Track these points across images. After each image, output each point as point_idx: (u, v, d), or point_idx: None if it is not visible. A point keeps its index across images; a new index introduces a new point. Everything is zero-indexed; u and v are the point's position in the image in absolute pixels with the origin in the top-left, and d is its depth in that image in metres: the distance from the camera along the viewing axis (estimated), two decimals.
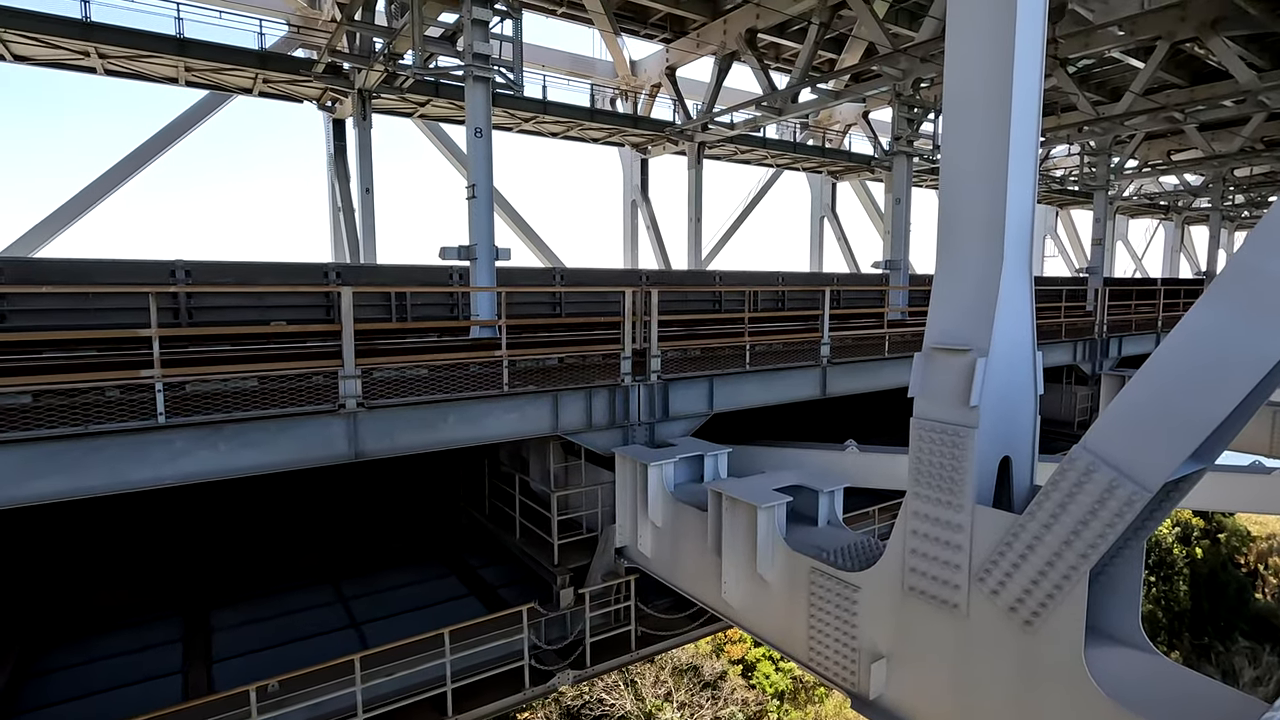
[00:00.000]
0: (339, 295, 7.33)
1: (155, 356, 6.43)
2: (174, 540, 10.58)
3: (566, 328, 13.04)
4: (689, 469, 8.46)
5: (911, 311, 15.46)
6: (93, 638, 8.82)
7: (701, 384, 9.71)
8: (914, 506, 5.46)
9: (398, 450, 7.85)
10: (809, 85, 20.40)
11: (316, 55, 19.03)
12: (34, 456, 5.90)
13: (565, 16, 22.71)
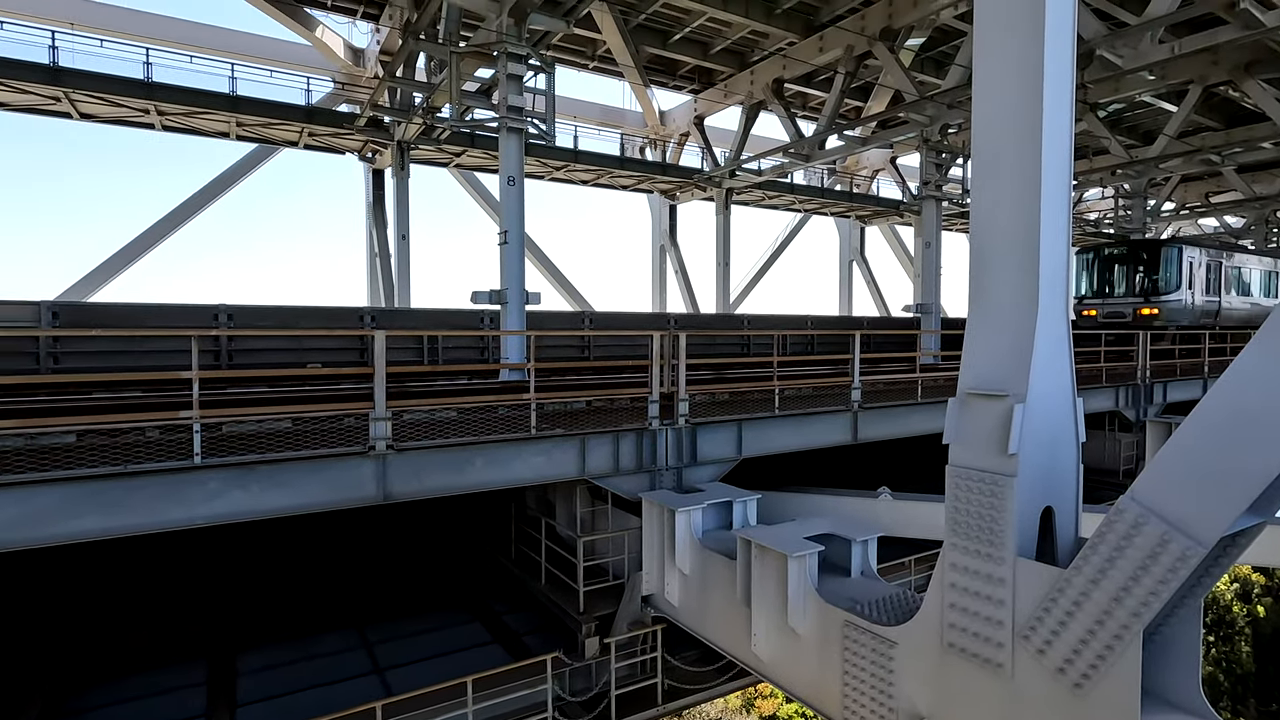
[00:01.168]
0: (372, 338, 7.47)
1: (194, 398, 6.59)
2: (203, 581, 10.66)
3: (594, 371, 13.09)
4: (717, 515, 8.30)
5: (944, 356, 15.21)
6: (121, 679, 8.84)
7: (730, 428, 9.60)
8: (952, 558, 5.25)
9: (426, 493, 7.85)
10: (836, 132, 20.64)
11: (359, 109, 19.91)
12: (75, 495, 6.03)
13: (597, 70, 23.48)
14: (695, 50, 22.64)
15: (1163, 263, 21.88)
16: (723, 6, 18.74)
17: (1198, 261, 22.49)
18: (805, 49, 20.21)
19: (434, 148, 20.61)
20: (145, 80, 17.64)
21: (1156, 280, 21.80)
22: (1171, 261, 21.85)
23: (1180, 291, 21.77)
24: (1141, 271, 22.12)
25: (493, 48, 13.11)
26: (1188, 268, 22.01)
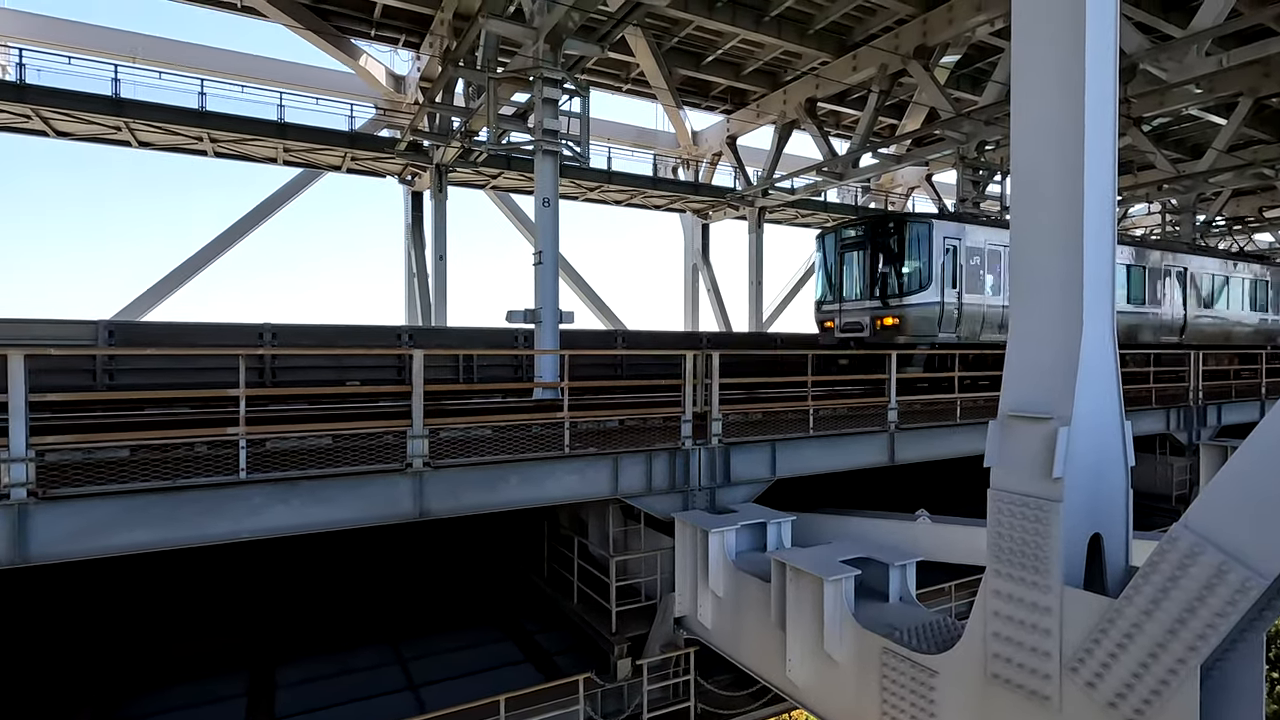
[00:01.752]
0: (410, 357, 7.63)
1: (241, 415, 6.80)
2: (245, 593, 10.90)
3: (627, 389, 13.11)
4: (751, 537, 8.21)
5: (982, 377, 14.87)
6: (166, 688, 9.05)
7: (763, 448, 9.52)
8: (995, 585, 5.11)
9: (461, 510, 7.94)
10: (870, 150, 20.54)
11: (400, 134, 20.50)
12: (127, 508, 6.25)
13: (630, 92, 23.81)
14: (728, 71, 22.82)
15: (907, 246, 15.02)
16: (755, 28, 18.89)
17: (964, 245, 15.28)
18: (838, 68, 20.22)
19: (471, 170, 21.09)
20: (200, 109, 18.48)
21: (899, 274, 15.09)
22: (917, 244, 14.98)
23: (930, 290, 14.85)
24: (882, 261, 15.42)
25: (529, 73, 13.42)
26: (944, 254, 15.01)
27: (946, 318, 15.08)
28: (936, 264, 14.88)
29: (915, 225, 15.07)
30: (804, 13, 19.07)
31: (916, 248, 14.95)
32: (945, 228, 15.21)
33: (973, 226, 15.80)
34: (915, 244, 14.96)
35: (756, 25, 18.88)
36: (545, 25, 12.75)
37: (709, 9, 18.14)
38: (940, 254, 14.93)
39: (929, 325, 14.90)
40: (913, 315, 14.80)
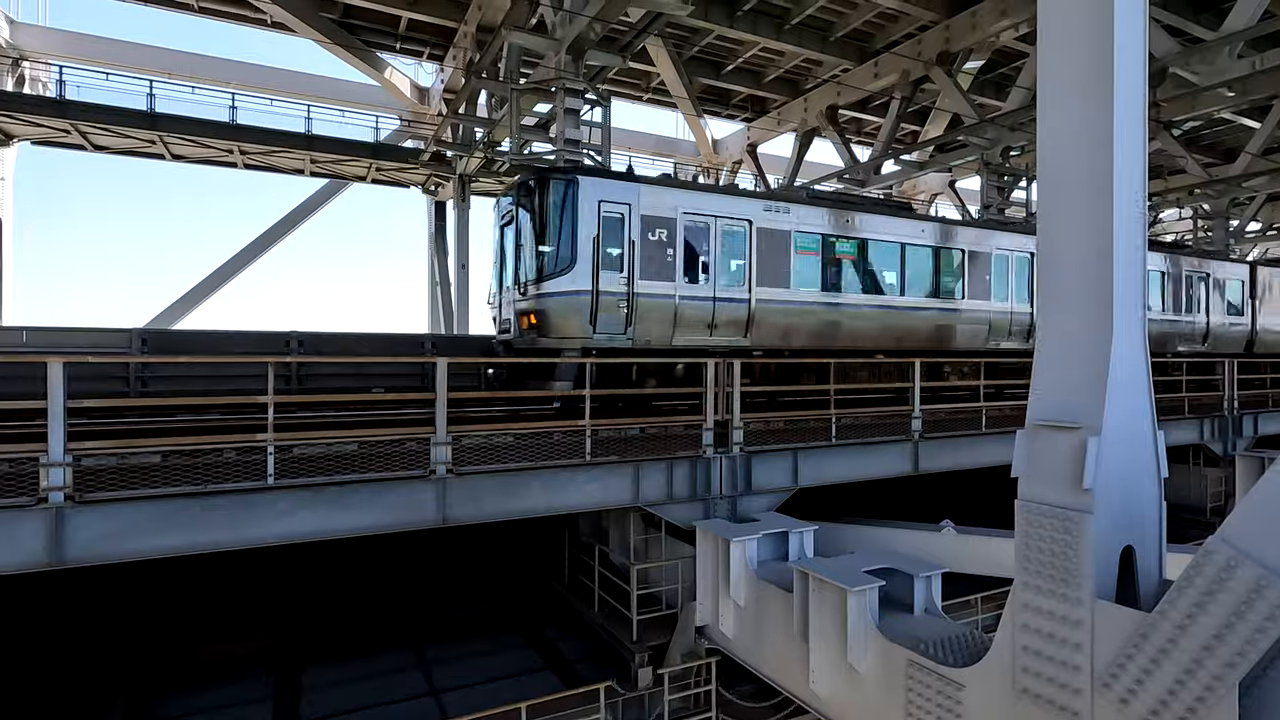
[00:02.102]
0: (434, 365, 7.71)
1: (269, 421, 6.92)
2: (272, 596, 11.05)
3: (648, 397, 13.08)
4: (773, 546, 8.15)
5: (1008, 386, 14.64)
6: (194, 690, 9.20)
7: (785, 457, 9.46)
8: (1023, 598, 5.01)
9: (483, 517, 7.98)
10: (892, 157, 20.40)
11: (424, 145, 20.80)
12: (159, 512, 6.38)
13: (651, 101, 23.94)
14: (748, 80, 22.85)
15: (548, 212, 10.87)
16: (776, 37, 18.91)
17: (638, 213, 11.16)
18: (860, 75, 20.15)
19: (494, 180, 21.30)
20: (231, 123, 18.93)
21: (538, 252, 10.97)
22: (559, 209, 10.84)
23: (575, 273, 10.59)
24: (523, 234, 11.36)
25: (551, 84, 13.55)
26: (599, 224, 10.80)
27: (606, 313, 10.73)
28: (585, 237, 10.61)
29: (556, 183, 10.87)
30: (825, 21, 19.05)
31: (559, 215, 10.77)
32: (602, 187, 10.89)
33: (656, 188, 11.44)
34: (557, 209, 10.79)
35: (777, 34, 18.89)
36: (567, 37, 12.87)
37: (729, 18, 18.19)
38: (592, 223, 10.69)
39: (576, 324, 10.62)
40: (552, 309, 10.64)
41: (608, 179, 11.29)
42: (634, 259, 11.06)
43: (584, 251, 10.66)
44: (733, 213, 12.14)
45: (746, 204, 12.40)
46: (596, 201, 10.85)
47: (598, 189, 10.95)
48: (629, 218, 11.13)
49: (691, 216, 11.70)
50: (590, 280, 10.66)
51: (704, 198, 11.99)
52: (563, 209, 10.80)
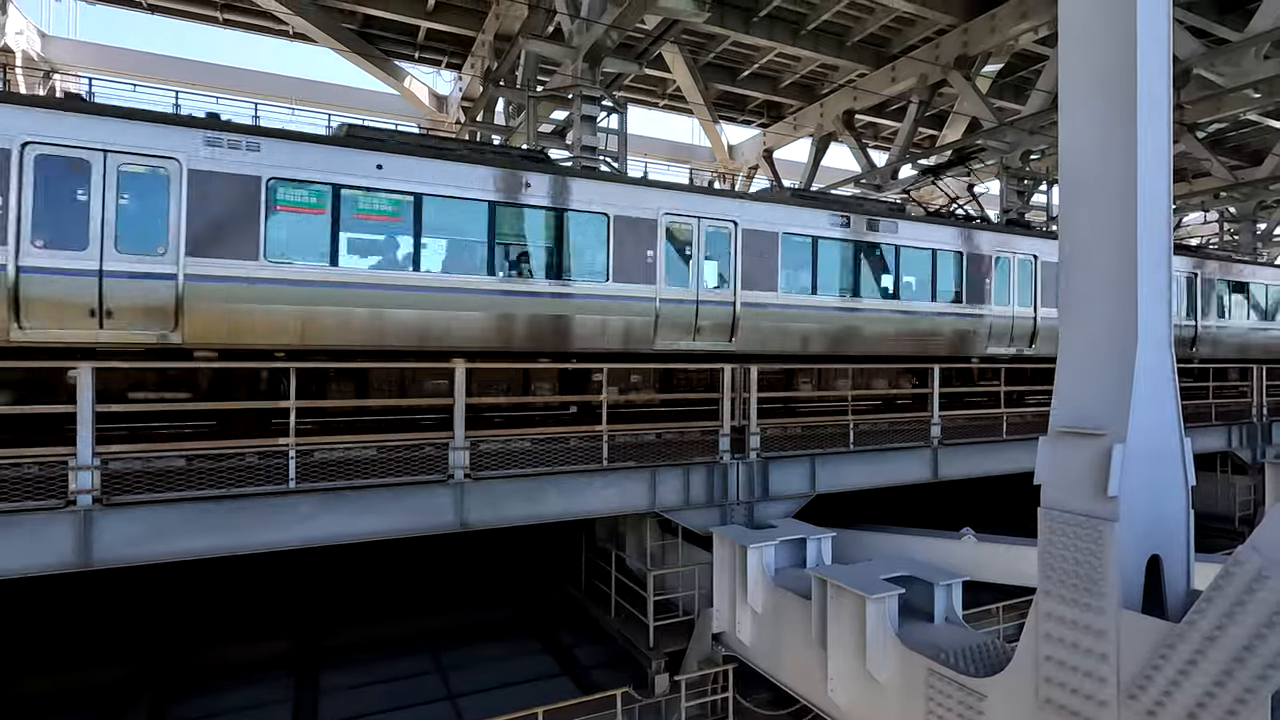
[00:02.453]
0: (453, 370, 7.77)
1: (291, 426, 7.01)
2: (290, 598, 11.16)
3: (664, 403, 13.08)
4: (790, 553, 8.10)
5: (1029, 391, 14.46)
6: (214, 691, 9.31)
7: (802, 463, 9.41)
8: (1047, 607, 4.94)
9: (501, 521, 8.02)
10: (909, 161, 20.28)
11: None
12: (184, 515, 6.49)
13: (667, 108, 24.01)
14: (764, 85, 22.85)
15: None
16: (792, 42, 18.90)
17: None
18: (877, 80, 20.08)
19: None
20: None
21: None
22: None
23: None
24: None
25: (568, 91, 13.65)
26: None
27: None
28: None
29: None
30: (842, 25, 19.02)
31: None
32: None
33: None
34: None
35: (793, 39, 18.89)
36: (584, 44, 12.97)
37: (745, 24, 18.23)
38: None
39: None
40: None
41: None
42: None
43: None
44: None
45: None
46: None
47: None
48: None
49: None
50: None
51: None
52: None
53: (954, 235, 13.98)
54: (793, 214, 12.22)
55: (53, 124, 7.91)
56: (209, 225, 8.56)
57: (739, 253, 11.59)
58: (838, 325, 12.60)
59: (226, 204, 8.66)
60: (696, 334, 11.32)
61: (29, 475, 6.32)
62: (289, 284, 8.87)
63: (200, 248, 8.52)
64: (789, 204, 12.39)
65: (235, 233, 8.67)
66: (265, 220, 8.82)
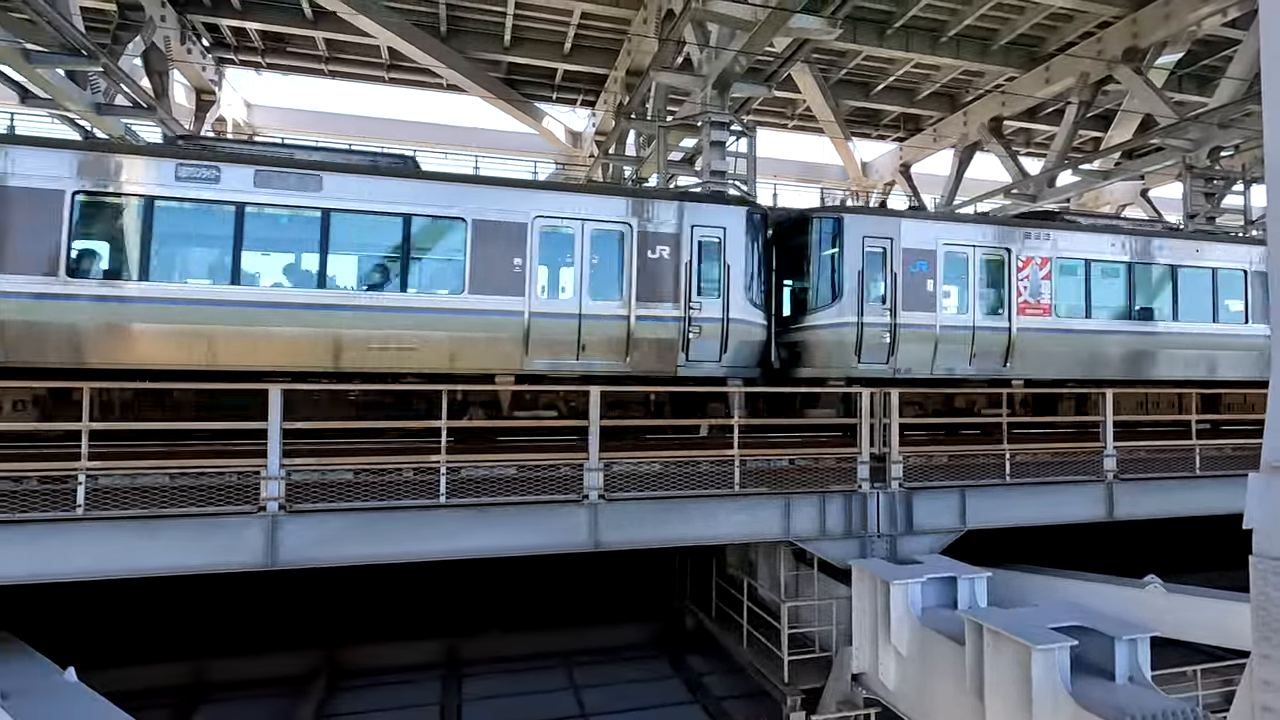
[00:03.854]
0: (589, 392, 8.01)
1: (442, 444, 7.54)
2: (439, 606, 11.87)
3: (796, 428, 12.68)
4: (939, 591, 7.52)
5: (1226, 423, 12.53)
6: (372, 688, 10.04)
7: (951, 495, 8.74)
8: (1265, 673, 4.21)
9: (632, 543, 8.12)
10: (1069, 167, 18.56)
11: None
12: (353, 524, 7.14)
13: (796, 128, 23.71)
14: (900, 98, 21.96)
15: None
16: (931, 51, 18.04)
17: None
18: (1028, 82, 18.65)
19: None
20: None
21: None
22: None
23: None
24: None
25: (697, 118, 13.85)
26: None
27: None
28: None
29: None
30: (986, 29, 17.89)
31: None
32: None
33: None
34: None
35: (932, 48, 18.02)
36: (713, 72, 13.13)
37: (879, 37, 17.65)
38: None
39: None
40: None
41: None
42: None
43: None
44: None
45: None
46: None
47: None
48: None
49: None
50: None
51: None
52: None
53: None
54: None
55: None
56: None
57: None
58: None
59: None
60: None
61: (230, 484, 7.25)
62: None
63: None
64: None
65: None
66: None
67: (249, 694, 9.62)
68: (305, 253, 9.46)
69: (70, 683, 6.87)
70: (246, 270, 9.17)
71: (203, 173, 8.87)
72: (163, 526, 6.66)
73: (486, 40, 18.95)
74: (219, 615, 10.28)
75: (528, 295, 9.89)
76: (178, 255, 9.14)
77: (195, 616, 10.37)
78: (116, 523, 6.56)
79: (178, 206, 8.90)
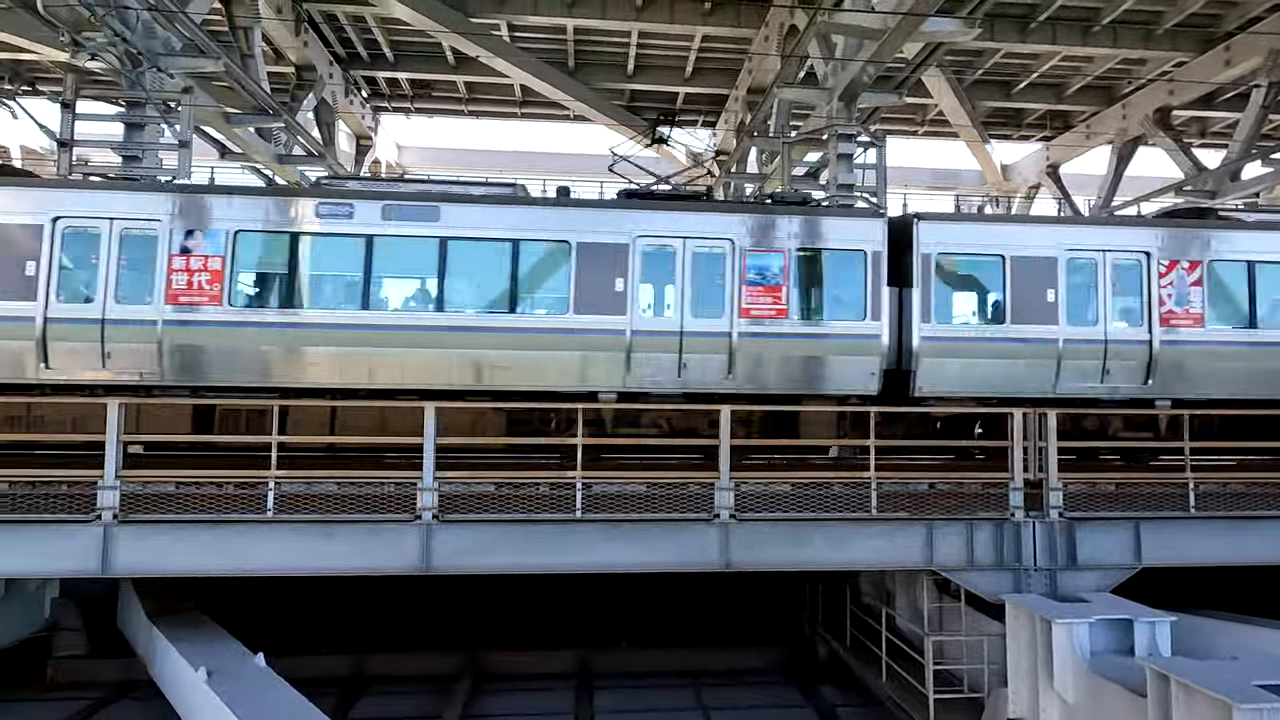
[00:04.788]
0: (719, 412, 8.03)
1: (579, 460, 7.83)
2: (573, 617, 12.23)
3: (933, 450, 11.96)
4: (1111, 635, 6.78)
5: None
6: (512, 693, 10.48)
7: (1123, 528, 7.90)
8: None
9: (762, 565, 8.02)
10: (1256, 158, 16.38)
11: None
12: (497, 534, 7.58)
13: (927, 134, 22.68)
14: (1046, 95, 20.43)
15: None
16: (1082, 42, 16.65)
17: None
18: (1202, 67, 16.72)
19: None
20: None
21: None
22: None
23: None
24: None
25: (822, 132, 13.61)
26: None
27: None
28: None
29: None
30: (1150, 13, 16.24)
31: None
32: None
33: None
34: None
35: (1083, 39, 16.61)
36: (839, 84, 12.86)
37: (1021, 33, 16.52)
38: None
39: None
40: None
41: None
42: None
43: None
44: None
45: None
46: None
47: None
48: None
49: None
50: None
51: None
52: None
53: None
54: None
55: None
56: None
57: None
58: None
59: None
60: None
61: (389, 494, 7.92)
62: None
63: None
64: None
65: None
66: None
67: (403, 689, 10.34)
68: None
69: (260, 667, 7.76)
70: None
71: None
72: (336, 530, 7.39)
73: (611, 71, 19.74)
74: (376, 614, 11.19)
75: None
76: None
77: (355, 614, 11.38)
78: (299, 526, 7.36)
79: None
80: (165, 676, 8.83)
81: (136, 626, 10.26)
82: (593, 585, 11.54)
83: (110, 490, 7.22)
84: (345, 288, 9.78)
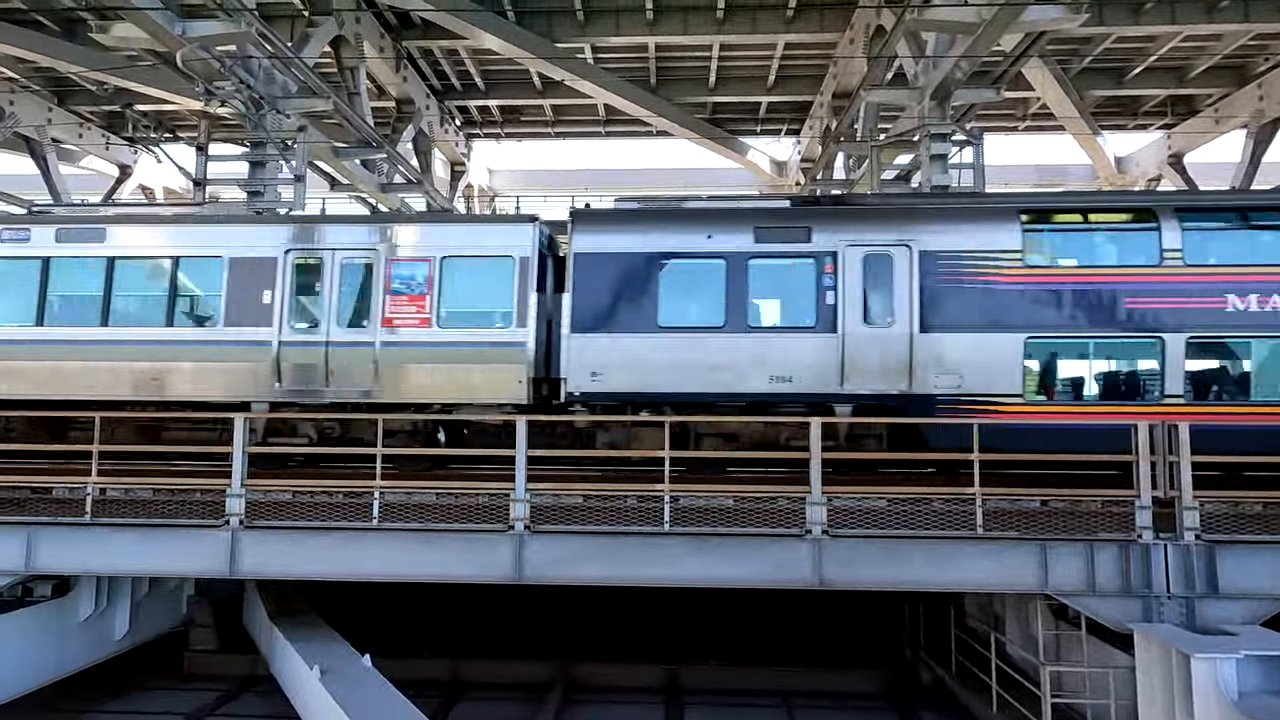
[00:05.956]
0: (809, 424, 7.82)
1: (665, 473, 7.82)
2: (658, 632, 12.18)
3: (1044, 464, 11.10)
4: (1264, 673, 6.06)
5: None
6: (602, 704, 10.50)
7: (1275, 553, 7.05)
8: None
9: (858, 583, 7.71)
10: None
11: None
12: (586, 545, 7.69)
13: (1029, 129, 21.44)
14: (1165, 79, 18.83)
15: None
16: (1207, 19, 15.24)
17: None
18: None
19: None
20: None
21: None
22: None
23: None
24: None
25: (913, 133, 13.12)
26: None
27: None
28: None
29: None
30: None
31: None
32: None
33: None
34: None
35: (1209, 16, 15.21)
36: (930, 83, 12.37)
37: (1134, 15, 15.31)
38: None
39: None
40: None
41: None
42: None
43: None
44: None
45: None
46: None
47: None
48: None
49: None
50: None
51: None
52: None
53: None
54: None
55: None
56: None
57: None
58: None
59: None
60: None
61: (482, 504, 8.17)
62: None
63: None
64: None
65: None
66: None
67: (498, 695, 10.61)
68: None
69: (367, 668, 8.18)
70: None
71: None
72: (435, 539, 7.71)
73: (692, 85, 19.82)
74: (474, 620, 11.56)
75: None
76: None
77: (454, 620, 11.80)
78: (402, 533, 7.73)
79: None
80: (284, 673, 9.48)
81: (259, 626, 11.10)
82: (682, 599, 11.48)
83: (236, 498, 7.84)
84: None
